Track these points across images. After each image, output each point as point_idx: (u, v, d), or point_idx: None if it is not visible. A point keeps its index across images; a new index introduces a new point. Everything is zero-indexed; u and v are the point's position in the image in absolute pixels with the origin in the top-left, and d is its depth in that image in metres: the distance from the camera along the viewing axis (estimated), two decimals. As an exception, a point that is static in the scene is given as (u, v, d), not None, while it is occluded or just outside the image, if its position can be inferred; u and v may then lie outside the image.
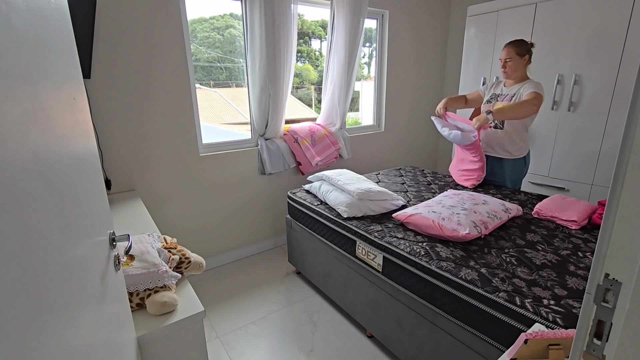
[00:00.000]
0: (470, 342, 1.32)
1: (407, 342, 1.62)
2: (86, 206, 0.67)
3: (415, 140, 3.92)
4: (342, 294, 2.02)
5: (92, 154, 0.78)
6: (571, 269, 1.39)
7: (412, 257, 1.52)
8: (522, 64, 2.21)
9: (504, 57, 2.23)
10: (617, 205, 0.41)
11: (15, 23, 0.43)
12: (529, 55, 2.21)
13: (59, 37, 0.62)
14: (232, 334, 1.99)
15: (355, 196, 1.95)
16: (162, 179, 2.34)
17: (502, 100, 2.29)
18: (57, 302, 0.46)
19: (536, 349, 0.78)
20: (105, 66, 1.99)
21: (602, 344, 0.45)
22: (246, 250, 2.86)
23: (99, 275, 0.68)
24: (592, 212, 1.86)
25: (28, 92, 0.45)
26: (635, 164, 0.39)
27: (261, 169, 2.75)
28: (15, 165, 0.39)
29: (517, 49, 2.18)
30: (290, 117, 3.09)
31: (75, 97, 0.69)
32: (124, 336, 0.83)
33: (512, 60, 2.20)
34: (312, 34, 3.23)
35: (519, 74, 2.25)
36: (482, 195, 2.00)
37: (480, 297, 1.26)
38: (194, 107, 2.37)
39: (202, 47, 2.58)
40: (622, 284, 0.42)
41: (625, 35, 2.24)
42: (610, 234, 0.42)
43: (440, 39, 3.77)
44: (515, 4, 2.74)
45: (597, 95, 2.43)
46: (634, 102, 0.38)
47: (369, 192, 1.97)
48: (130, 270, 1.08)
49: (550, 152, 2.73)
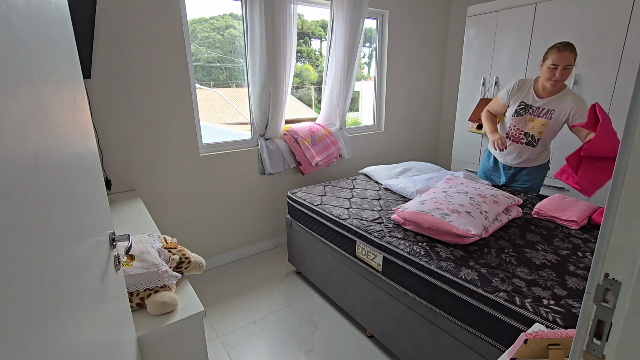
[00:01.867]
0: (470, 342, 1.32)
1: (407, 342, 1.62)
2: (86, 206, 0.67)
3: (415, 141, 3.92)
4: (342, 294, 2.03)
5: (92, 154, 0.78)
6: (571, 269, 1.39)
7: (412, 257, 1.52)
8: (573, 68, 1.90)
9: (564, 63, 1.84)
10: (617, 205, 0.41)
11: (15, 23, 0.43)
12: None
13: (59, 37, 0.62)
14: (232, 334, 1.99)
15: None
16: (162, 179, 2.34)
17: (538, 116, 2.03)
18: (57, 302, 0.46)
19: (536, 349, 0.78)
20: (106, 66, 1.99)
21: (602, 344, 0.45)
22: (246, 250, 2.87)
23: (99, 275, 0.68)
24: (592, 212, 1.86)
25: (28, 92, 0.45)
26: (635, 164, 0.39)
27: (261, 169, 2.75)
28: (15, 166, 0.39)
29: (575, 54, 1.85)
30: (290, 117, 3.09)
31: (75, 97, 0.69)
32: (124, 336, 0.83)
33: (571, 67, 1.86)
34: (312, 34, 3.23)
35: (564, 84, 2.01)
36: (489, 189, 1.92)
37: (480, 297, 1.26)
38: (194, 107, 2.37)
39: (202, 47, 2.58)
40: (621, 283, 0.42)
41: (625, 36, 2.24)
42: (610, 234, 0.42)
43: (440, 39, 3.77)
44: (515, 4, 2.75)
45: (597, 95, 2.43)
46: (634, 102, 0.38)
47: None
48: (130, 270, 1.08)
49: (550, 152, 2.72)
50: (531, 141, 2.11)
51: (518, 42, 2.76)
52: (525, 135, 2.12)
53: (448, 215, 1.62)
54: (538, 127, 2.06)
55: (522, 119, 2.11)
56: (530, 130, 2.09)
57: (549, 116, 2.01)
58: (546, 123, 2.01)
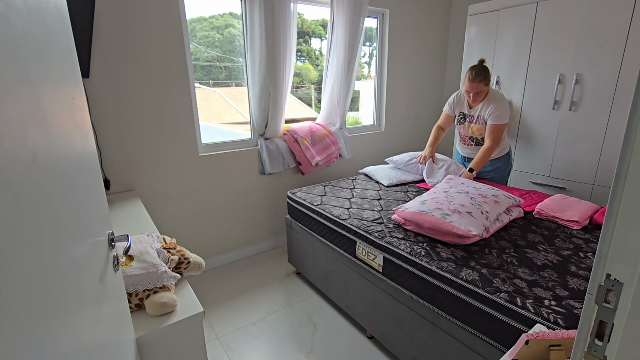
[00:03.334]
0: (471, 342, 1.32)
1: (408, 342, 1.62)
2: (85, 206, 0.66)
3: (415, 140, 3.92)
4: (342, 295, 2.02)
5: (91, 154, 0.78)
6: (572, 269, 1.39)
7: (412, 258, 1.52)
8: (486, 90, 2.29)
9: (473, 91, 2.26)
10: (618, 205, 0.41)
11: (13, 22, 0.43)
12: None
13: (57, 37, 0.62)
14: (231, 334, 1.99)
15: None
16: (162, 179, 2.34)
17: (472, 123, 2.42)
18: (55, 302, 0.46)
19: (537, 350, 0.78)
20: (104, 65, 1.99)
21: (603, 345, 0.44)
22: (246, 250, 2.86)
23: (97, 275, 0.68)
24: (593, 212, 1.86)
25: (26, 91, 0.45)
26: (637, 164, 0.38)
27: (261, 168, 2.75)
28: (14, 165, 0.39)
29: (485, 81, 2.23)
30: (290, 116, 3.08)
31: (74, 96, 0.68)
32: (123, 337, 0.82)
33: (481, 93, 2.27)
34: (312, 33, 3.23)
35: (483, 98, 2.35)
36: (490, 189, 1.92)
37: (481, 298, 1.26)
38: (193, 107, 2.37)
39: (202, 46, 2.58)
40: (623, 284, 0.42)
41: (627, 34, 2.23)
42: (612, 235, 0.42)
43: (441, 38, 3.77)
44: (516, 3, 2.74)
45: (599, 94, 2.42)
46: (636, 101, 0.38)
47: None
48: (129, 270, 1.08)
49: (551, 152, 2.72)
50: (478, 142, 2.46)
51: (519, 42, 2.75)
52: (470, 138, 2.50)
53: (449, 215, 1.61)
54: (476, 131, 2.43)
55: (463, 126, 2.50)
56: (472, 134, 2.47)
57: (480, 121, 2.37)
58: (480, 127, 2.39)
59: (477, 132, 2.42)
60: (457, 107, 2.51)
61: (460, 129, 2.53)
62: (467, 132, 2.47)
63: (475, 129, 2.41)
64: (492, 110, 2.26)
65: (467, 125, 2.46)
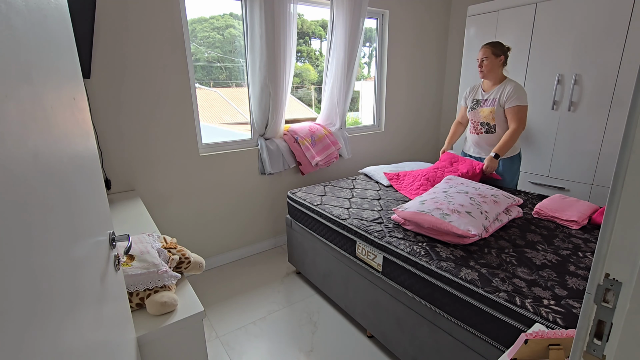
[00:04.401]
0: (471, 342, 1.32)
1: (407, 342, 1.62)
2: (86, 206, 0.67)
3: (415, 140, 3.92)
4: (342, 294, 2.02)
5: (92, 154, 0.78)
6: (571, 269, 1.39)
7: (412, 257, 1.52)
8: (497, 63, 2.28)
9: (481, 57, 2.29)
10: (617, 205, 0.41)
11: (15, 23, 0.43)
12: (505, 57, 2.28)
13: (58, 37, 0.62)
14: (232, 334, 1.99)
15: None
16: (162, 179, 2.34)
17: (485, 106, 2.37)
18: (56, 302, 0.46)
19: (536, 349, 0.78)
20: (105, 66, 1.99)
21: (602, 344, 0.45)
22: (246, 250, 2.86)
23: (98, 275, 0.68)
24: (592, 212, 1.86)
25: (28, 92, 0.45)
26: (636, 164, 0.39)
27: (261, 168, 2.75)
28: (15, 166, 0.39)
29: (493, 49, 2.25)
30: (290, 117, 3.08)
31: (75, 97, 0.69)
32: (124, 336, 0.83)
33: (488, 60, 2.27)
34: (312, 33, 3.23)
35: (495, 75, 2.31)
36: (489, 189, 1.92)
37: (480, 297, 1.26)
38: (193, 107, 2.37)
39: (202, 46, 2.58)
40: (622, 284, 0.42)
41: (626, 35, 2.24)
42: (611, 234, 0.42)
43: (441, 38, 3.77)
44: (515, 4, 2.74)
45: (598, 95, 2.43)
46: (635, 101, 0.38)
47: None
48: (130, 270, 1.08)
49: (550, 152, 2.72)
50: (489, 129, 2.40)
51: (518, 42, 2.76)
52: (482, 124, 2.43)
53: (448, 215, 1.62)
54: (488, 114, 2.36)
55: (475, 112, 2.44)
56: (483, 119, 2.40)
57: (493, 103, 2.32)
58: (493, 110, 2.32)
59: (489, 115, 2.35)
60: (470, 95, 2.51)
61: (472, 116, 2.48)
62: (479, 117, 2.41)
63: (487, 112, 2.35)
64: (511, 93, 2.23)
65: (478, 110, 2.42)
